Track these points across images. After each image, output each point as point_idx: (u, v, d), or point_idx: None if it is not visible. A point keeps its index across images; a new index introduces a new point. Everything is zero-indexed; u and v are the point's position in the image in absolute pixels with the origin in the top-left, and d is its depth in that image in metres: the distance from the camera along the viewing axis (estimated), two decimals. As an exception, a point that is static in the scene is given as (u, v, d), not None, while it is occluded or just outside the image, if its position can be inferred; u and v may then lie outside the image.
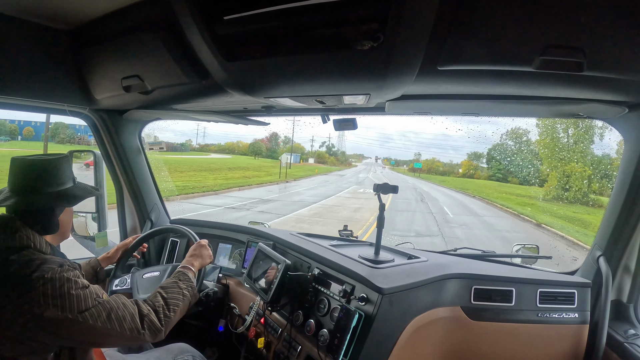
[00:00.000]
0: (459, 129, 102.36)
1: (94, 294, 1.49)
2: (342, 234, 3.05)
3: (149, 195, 3.23)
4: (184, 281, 1.90)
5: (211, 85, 1.77)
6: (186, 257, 2.13)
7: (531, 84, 1.55)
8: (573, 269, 2.40)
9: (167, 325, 1.69)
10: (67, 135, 47.98)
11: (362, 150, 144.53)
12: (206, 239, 2.32)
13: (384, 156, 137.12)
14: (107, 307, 1.50)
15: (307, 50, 1.35)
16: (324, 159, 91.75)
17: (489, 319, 2.12)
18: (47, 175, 1.61)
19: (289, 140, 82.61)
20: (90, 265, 2.30)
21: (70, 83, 2.12)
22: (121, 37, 1.74)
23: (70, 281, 1.43)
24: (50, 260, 1.45)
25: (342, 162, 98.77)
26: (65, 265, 1.46)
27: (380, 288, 1.87)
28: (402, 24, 1.17)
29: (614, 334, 2.04)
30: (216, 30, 1.34)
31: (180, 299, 1.79)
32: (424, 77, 1.52)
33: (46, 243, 1.55)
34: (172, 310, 1.72)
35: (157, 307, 1.68)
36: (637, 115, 1.82)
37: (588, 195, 20.58)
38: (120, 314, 1.52)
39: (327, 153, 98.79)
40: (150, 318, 1.62)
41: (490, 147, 42.73)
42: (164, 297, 1.75)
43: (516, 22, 1.23)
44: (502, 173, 47.76)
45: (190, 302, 1.88)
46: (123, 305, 1.56)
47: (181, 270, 1.97)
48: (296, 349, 2.10)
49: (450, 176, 71.83)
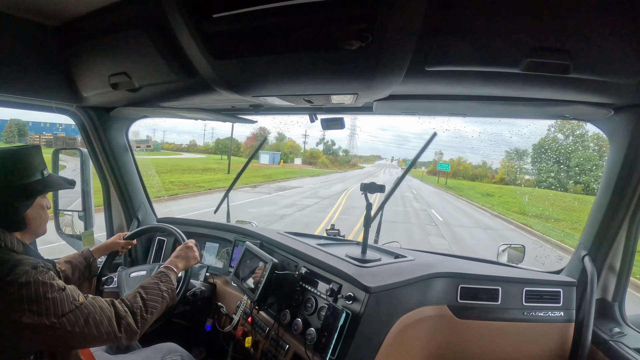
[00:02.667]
0: (474, 130, 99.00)
1: (70, 297, 1.45)
2: (329, 233, 3.05)
3: (136, 194, 3.20)
4: (165, 282, 1.86)
5: (199, 83, 1.76)
6: (171, 257, 2.10)
7: (518, 86, 1.57)
8: (558, 268, 2.42)
9: (144, 327, 1.66)
10: (14, 134, 45.34)
11: (380, 152, 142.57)
12: (194, 239, 2.30)
13: (402, 157, 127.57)
14: (85, 311, 1.46)
15: (295, 49, 1.35)
16: (315, 159, 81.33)
17: (475, 317, 2.13)
18: (6, 168, 1.51)
19: (283, 137, 77.67)
20: (82, 256, 2.27)
21: (57, 80, 2.10)
22: (109, 34, 1.73)
23: (46, 285, 1.38)
24: (23, 261, 1.40)
25: (343, 163, 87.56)
26: (39, 267, 1.41)
27: (367, 287, 1.88)
28: (391, 24, 1.18)
29: (599, 332, 2.07)
30: (205, 28, 1.33)
31: (159, 300, 1.76)
32: (412, 78, 1.53)
33: (17, 241, 1.50)
34: (149, 312, 1.69)
35: (135, 308, 1.65)
36: (622, 117, 1.84)
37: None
38: (97, 318, 1.49)
39: (326, 152, 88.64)
40: (127, 321, 1.58)
41: (535, 143, 30.55)
42: (143, 297, 1.71)
43: (504, 24, 1.24)
44: (557, 178, 31.07)
45: (169, 305, 1.85)
46: (100, 309, 1.52)
47: (163, 270, 1.94)
48: (284, 348, 2.10)
49: (482, 181, 56.58)
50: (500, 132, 40.18)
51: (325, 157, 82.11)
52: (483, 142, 40.41)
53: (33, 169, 1.58)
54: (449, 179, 55.87)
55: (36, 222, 1.61)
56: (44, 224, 1.67)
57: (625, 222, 2.01)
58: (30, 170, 1.57)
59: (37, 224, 1.62)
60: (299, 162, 76.02)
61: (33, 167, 1.58)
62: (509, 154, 48.41)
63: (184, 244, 2.21)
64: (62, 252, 2.43)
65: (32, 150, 1.60)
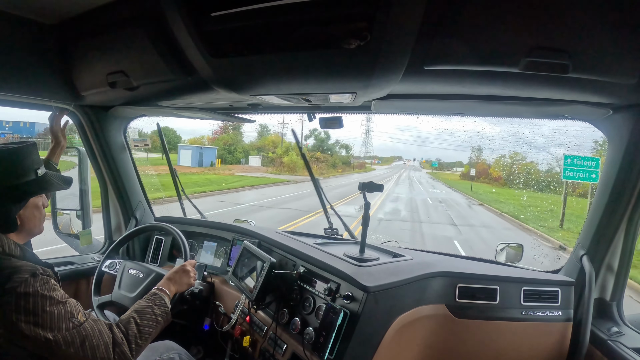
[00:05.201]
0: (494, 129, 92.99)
1: (69, 314, 1.42)
2: (327, 232, 3.05)
3: (133, 193, 3.20)
4: (159, 306, 1.83)
5: (197, 81, 1.76)
6: (165, 278, 2.06)
7: (517, 85, 1.57)
8: (557, 267, 2.42)
9: (138, 353, 1.64)
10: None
11: (401, 152, 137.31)
12: (194, 261, 2.28)
13: (424, 157, 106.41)
14: (83, 333, 1.44)
15: (293, 48, 1.35)
16: (279, 159, 46.43)
17: (473, 316, 2.13)
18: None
19: (265, 130, 52.84)
20: None
21: (55, 78, 2.09)
22: (107, 32, 1.73)
23: (45, 297, 1.36)
24: (22, 268, 1.37)
25: (335, 165, 55.71)
26: (39, 275, 1.39)
27: (365, 286, 1.87)
28: (390, 23, 1.18)
29: (597, 331, 2.07)
30: (203, 26, 1.34)
31: (153, 325, 1.73)
32: (411, 77, 1.53)
33: (15, 244, 1.46)
34: (144, 339, 1.67)
35: (130, 335, 1.62)
36: (620, 117, 1.84)
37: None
38: (94, 342, 1.46)
39: (315, 149, 56.20)
40: (122, 349, 1.56)
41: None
42: (137, 324, 1.68)
43: (503, 24, 1.24)
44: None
45: (163, 327, 1.82)
46: (99, 333, 1.50)
47: (157, 293, 1.90)
48: (282, 347, 2.10)
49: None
50: (520, 130, 33.95)
51: (293, 156, 44.10)
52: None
53: (26, 168, 1.53)
54: (496, 186, 37.07)
55: (30, 222, 1.57)
56: (40, 224, 1.63)
57: (624, 222, 2.01)
58: (22, 169, 1.52)
59: (32, 224, 1.59)
60: (256, 162, 49.55)
61: (26, 167, 1.53)
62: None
63: (180, 267, 2.15)
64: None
65: (26, 149, 1.55)
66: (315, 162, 49.85)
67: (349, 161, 64.30)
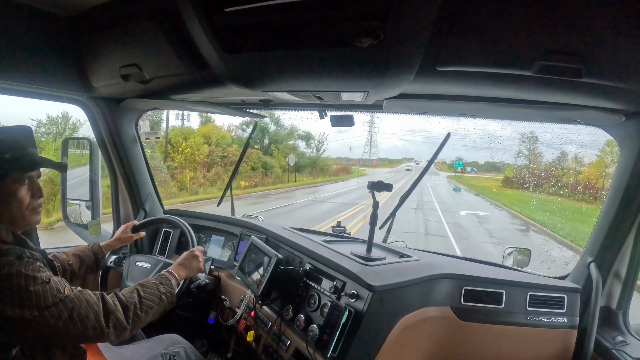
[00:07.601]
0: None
1: (55, 289, 1.39)
2: (335, 230, 3.05)
3: (143, 185, 3.22)
4: (165, 285, 1.80)
5: (209, 76, 1.77)
6: (175, 263, 2.06)
7: (529, 88, 1.56)
8: (564, 274, 2.41)
9: (135, 324, 1.59)
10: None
11: (412, 154, 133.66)
12: (202, 247, 2.28)
13: (440, 157, 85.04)
14: (69, 305, 1.39)
15: (306, 45, 1.35)
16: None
17: (478, 320, 2.12)
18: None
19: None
20: (92, 250, 2.20)
21: (68, 70, 2.11)
22: (121, 25, 1.74)
23: (29, 277, 1.33)
24: (9, 251, 1.35)
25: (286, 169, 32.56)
26: (25, 258, 1.37)
27: (371, 285, 1.87)
28: (403, 22, 1.17)
29: (602, 340, 2.05)
30: (217, 21, 1.34)
31: (156, 301, 1.70)
32: (423, 77, 1.53)
33: (6, 230, 1.42)
34: (144, 311, 1.63)
35: (129, 303, 1.58)
36: (633, 124, 1.83)
37: None
38: (83, 312, 1.42)
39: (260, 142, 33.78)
40: (117, 315, 1.51)
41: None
42: (140, 295, 1.66)
43: (517, 26, 1.24)
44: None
45: (166, 308, 1.78)
46: (86, 303, 1.45)
47: (165, 274, 1.90)
48: (285, 343, 2.11)
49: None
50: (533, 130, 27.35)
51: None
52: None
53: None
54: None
55: (10, 213, 1.47)
56: (22, 216, 1.51)
57: (633, 230, 1.99)
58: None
59: (15, 213, 1.48)
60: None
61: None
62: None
63: (189, 252, 2.15)
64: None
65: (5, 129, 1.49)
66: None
67: (315, 162, 39.74)
